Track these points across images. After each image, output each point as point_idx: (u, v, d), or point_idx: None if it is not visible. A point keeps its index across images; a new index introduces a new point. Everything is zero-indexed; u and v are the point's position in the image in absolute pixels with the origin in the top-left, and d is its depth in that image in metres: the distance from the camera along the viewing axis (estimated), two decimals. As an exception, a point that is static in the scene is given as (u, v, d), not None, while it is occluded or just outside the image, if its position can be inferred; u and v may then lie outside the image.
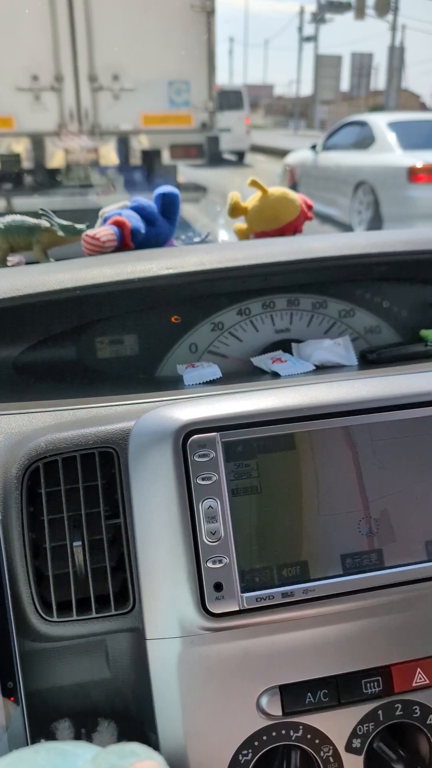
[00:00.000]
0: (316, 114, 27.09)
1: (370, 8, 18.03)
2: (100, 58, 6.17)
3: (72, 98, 6.26)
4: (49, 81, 6.14)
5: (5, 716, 0.57)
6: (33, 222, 1.15)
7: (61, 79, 6.17)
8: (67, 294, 0.88)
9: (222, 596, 0.58)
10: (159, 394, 0.80)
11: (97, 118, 6.36)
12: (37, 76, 6.11)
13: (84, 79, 6.22)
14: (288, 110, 32.69)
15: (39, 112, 6.19)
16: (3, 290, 0.86)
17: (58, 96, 6.22)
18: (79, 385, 0.95)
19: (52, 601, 0.62)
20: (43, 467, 0.64)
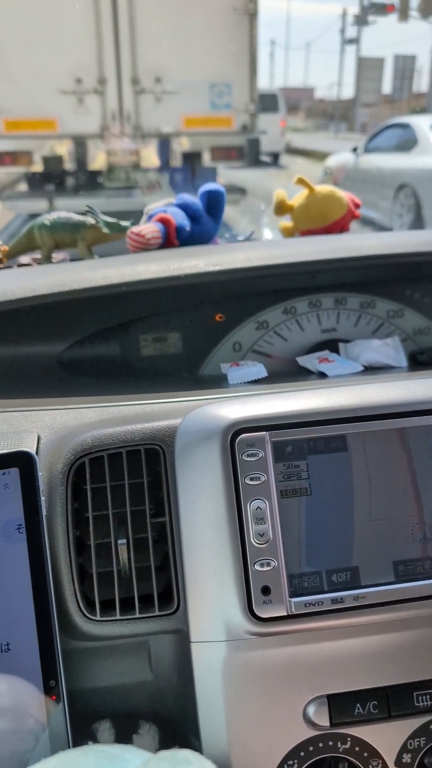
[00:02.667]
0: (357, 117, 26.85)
1: (413, 10, 17.81)
2: (142, 61, 6.21)
3: (114, 101, 6.32)
4: (92, 84, 6.21)
5: (47, 715, 0.56)
6: (78, 219, 1.15)
7: (104, 82, 6.24)
8: (113, 290, 0.87)
9: (270, 600, 0.56)
10: (204, 392, 0.79)
11: (138, 121, 6.41)
12: (81, 79, 6.18)
13: (127, 82, 6.27)
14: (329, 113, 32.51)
15: (82, 115, 6.26)
16: (50, 286, 0.86)
17: (101, 99, 6.29)
18: (123, 381, 0.94)
19: (95, 599, 0.61)
20: (88, 463, 0.63)
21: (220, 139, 6.74)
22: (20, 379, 0.88)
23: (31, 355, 0.90)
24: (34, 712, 0.56)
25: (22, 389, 0.85)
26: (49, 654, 0.57)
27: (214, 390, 0.81)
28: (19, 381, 0.88)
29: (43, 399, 0.79)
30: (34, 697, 0.57)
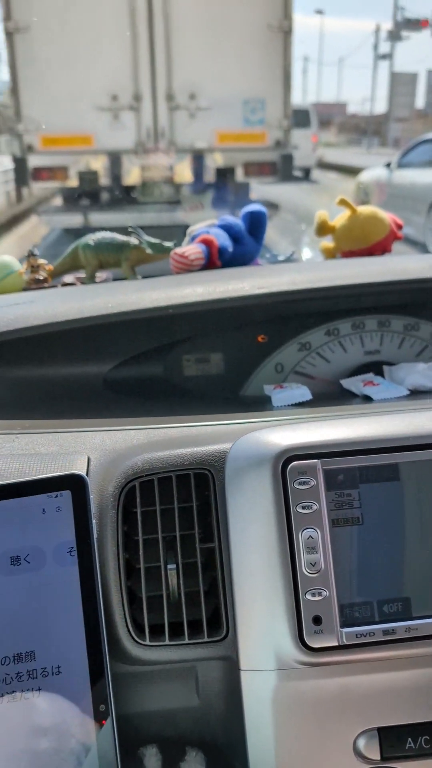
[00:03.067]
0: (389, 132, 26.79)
1: (448, 25, 17.74)
2: (177, 77, 6.29)
3: (149, 117, 6.40)
4: (128, 100, 6.31)
5: (95, 738, 0.56)
6: (122, 239, 1.16)
7: (139, 99, 6.33)
8: (160, 313, 0.88)
9: (321, 630, 0.56)
10: (249, 414, 0.79)
11: (173, 136, 6.48)
12: (117, 95, 6.28)
13: (162, 99, 6.36)
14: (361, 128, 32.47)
15: (117, 131, 6.35)
16: (97, 307, 0.87)
17: (136, 115, 6.37)
18: (166, 401, 0.95)
19: (144, 623, 0.61)
20: (139, 486, 0.63)
21: (254, 155, 6.78)
22: (67, 398, 0.90)
23: (78, 375, 0.91)
24: (77, 733, 0.57)
25: (68, 409, 0.86)
26: (99, 678, 0.57)
27: (259, 413, 0.81)
28: (66, 400, 0.89)
29: (90, 420, 0.80)
30: (82, 720, 0.57)
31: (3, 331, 0.84)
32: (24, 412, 0.84)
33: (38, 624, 0.58)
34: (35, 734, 0.56)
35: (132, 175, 6.85)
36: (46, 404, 0.87)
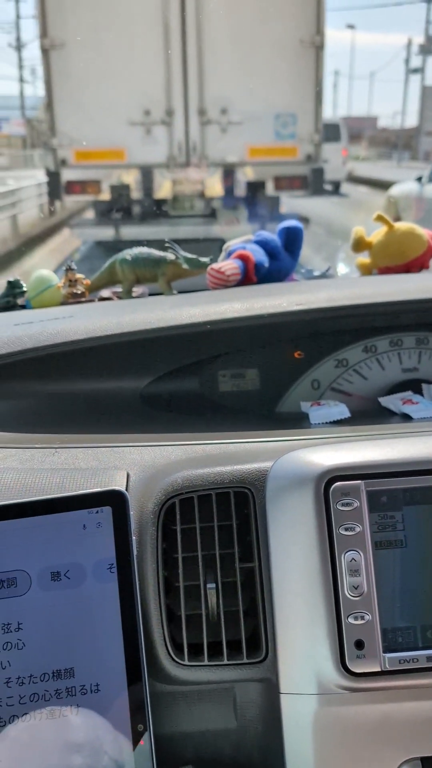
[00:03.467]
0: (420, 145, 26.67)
1: None
2: (209, 92, 6.35)
3: (181, 131, 6.47)
4: (160, 115, 6.38)
5: (134, 760, 0.56)
6: (159, 254, 1.17)
7: (171, 114, 6.40)
8: (198, 328, 0.88)
9: (363, 655, 0.55)
10: (288, 432, 0.78)
11: (204, 151, 6.53)
12: (149, 110, 6.35)
13: (194, 113, 6.42)
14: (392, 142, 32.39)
15: (149, 145, 6.42)
16: (136, 323, 0.88)
17: (168, 129, 6.44)
18: (201, 417, 0.95)
19: (183, 643, 0.60)
20: (179, 504, 0.63)
21: (284, 169, 6.81)
22: (104, 412, 0.90)
23: (115, 389, 0.91)
24: (114, 752, 0.56)
25: (106, 423, 0.87)
26: (138, 697, 0.57)
27: (297, 431, 0.81)
28: (103, 415, 0.89)
29: (128, 435, 0.80)
30: (119, 739, 0.57)
31: (44, 345, 0.85)
32: (62, 425, 0.85)
33: (77, 641, 0.58)
34: (72, 752, 0.56)
35: (163, 188, 6.91)
36: (83, 418, 0.88)
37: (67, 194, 6.58)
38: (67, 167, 6.38)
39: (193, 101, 6.37)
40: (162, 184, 6.85)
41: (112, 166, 6.61)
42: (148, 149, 6.39)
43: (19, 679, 0.57)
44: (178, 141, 6.47)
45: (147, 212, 6.71)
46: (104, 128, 6.24)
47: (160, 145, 6.44)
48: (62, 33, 6.05)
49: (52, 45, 6.09)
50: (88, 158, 6.34)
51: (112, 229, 6.45)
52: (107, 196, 6.78)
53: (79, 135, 6.25)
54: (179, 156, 6.50)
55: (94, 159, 6.38)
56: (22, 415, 0.84)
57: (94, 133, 6.25)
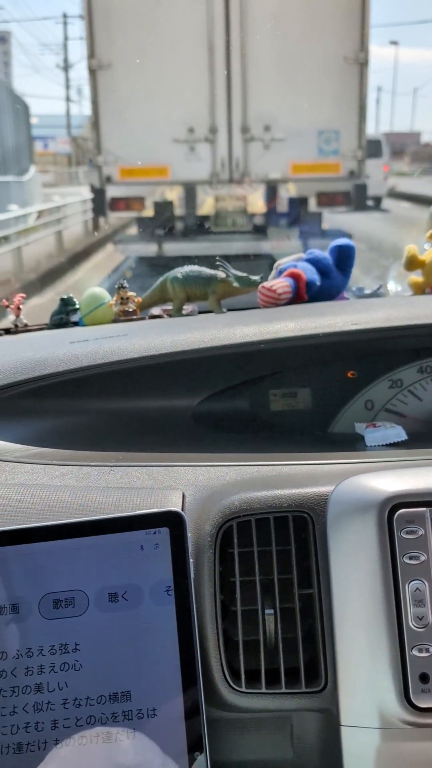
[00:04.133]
0: (464, 160, 26.37)
1: None
2: (253, 110, 6.40)
3: (224, 148, 6.52)
4: (204, 133, 6.45)
5: (189, 787, 0.55)
6: (210, 273, 1.17)
7: (215, 131, 6.46)
8: (251, 348, 0.88)
9: (428, 689, 0.53)
10: (345, 455, 0.77)
11: (247, 168, 6.57)
12: (193, 128, 6.43)
13: (237, 131, 6.47)
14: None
15: (193, 162, 6.49)
16: (191, 342, 0.88)
17: (211, 146, 6.50)
18: (253, 436, 0.94)
19: (240, 669, 0.59)
20: (236, 527, 0.62)
21: (327, 185, 6.80)
22: (156, 430, 0.90)
23: (168, 407, 0.91)
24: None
25: (158, 441, 0.87)
26: (195, 723, 0.56)
27: (353, 453, 0.80)
28: (155, 433, 0.89)
29: (182, 454, 0.80)
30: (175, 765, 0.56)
31: (100, 363, 0.85)
32: (115, 443, 0.85)
33: (134, 664, 0.58)
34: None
35: (206, 205, 6.97)
36: (136, 436, 0.88)
37: (111, 211, 6.68)
38: (112, 184, 6.48)
39: (237, 118, 6.42)
40: (205, 200, 6.90)
41: (156, 183, 6.70)
42: (191, 166, 6.46)
43: (76, 700, 0.57)
44: (222, 158, 6.53)
45: (190, 228, 6.77)
46: (149, 146, 6.34)
47: (203, 162, 6.51)
48: (109, 53, 6.17)
49: (99, 65, 6.22)
50: (132, 175, 6.44)
51: (155, 245, 6.51)
52: (151, 212, 6.86)
53: (124, 153, 6.36)
54: (222, 173, 6.55)
55: (139, 176, 6.47)
56: (77, 432, 0.85)
57: (139, 151, 6.35)
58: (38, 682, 0.57)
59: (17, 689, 0.57)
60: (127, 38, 6.13)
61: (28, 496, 0.69)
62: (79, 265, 8.29)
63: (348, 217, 8.06)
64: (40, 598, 0.59)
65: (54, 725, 0.57)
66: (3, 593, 0.59)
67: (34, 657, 0.58)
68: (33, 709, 0.57)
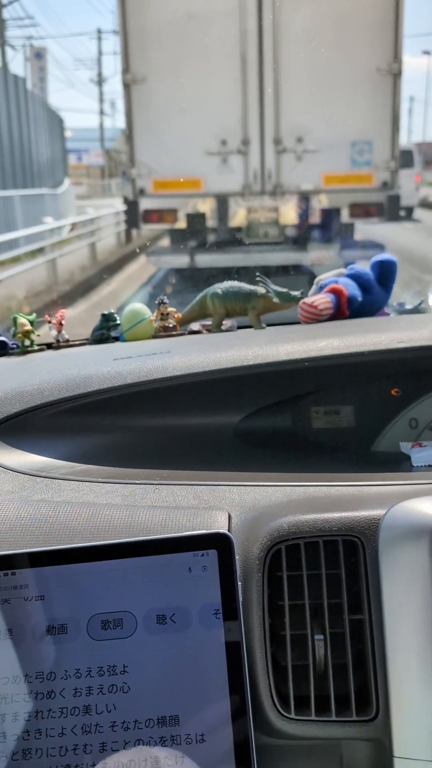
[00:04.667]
0: None
1: None
2: (285, 122, 6.41)
3: (257, 160, 6.54)
4: (236, 145, 6.48)
5: None
6: (249, 288, 1.17)
7: (247, 143, 6.48)
8: (296, 365, 0.87)
9: None
10: (392, 476, 0.76)
11: (279, 179, 6.58)
12: (226, 140, 6.47)
13: (269, 143, 6.49)
14: (468, 166, 31.80)
15: (225, 174, 6.52)
16: (234, 359, 0.87)
17: (243, 158, 6.53)
18: (295, 454, 0.93)
19: (289, 695, 0.58)
20: (285, 550, 0.62)
21: (360, 196, 6.77)
22: (198, 447, 0.90)
23: (209, 425, 0.91)
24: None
25: (200, 458, 0.86)
26: (244, 750, 0.55)
27: (400, 474, 0.78)
28: (198, 450, 0.89)
29: (226, 473, 0.79)
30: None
31: (144, 380, 0.86)
32: (159, 460, 0.85)
33: (182, 687, 0.57)
34: (174, 803, 0.55)
35: (238, 216, 6.99)
36: (179, 453, 0.88)
37: (144, 223, 6.73)
38: (145, 196, 6.54)
39: (269, 130, 6.44)
40: (237, 212, 6.92)
41: (189, 195, 6.74)
42: (224, 178, 6.49)
43: (124, 723, 0.57)
44: (254, 170, 6.55)
45: (222, 240, 6.79)
46: (182, 158, 6.39)
47: (235, 174, 6.53)
48: (143, 68, 6.25)
49: (133, 80, 6.30)
50: (165, 188, 6.49)
51: (187, 257, 6.54)
52: (183, 224, 6.90)
53: (157, 165, 6.42)
54: (254, 184, 6.57)
55: (172, 188, 6.52)
56: (121, 449, 0.85)
57: (172, 163, 6.40)
58: (86, 703, 0.57)
59: (65, 710, 0.57)
60: (161, 53, 6.20)
61: (74, 515, 0.69)
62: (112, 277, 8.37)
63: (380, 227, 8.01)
64: (88, 619, 0.59)
65: (102, 748, 0.56)
66: (52, 613, 0.59)
67: (82, 678, 0.58)
68: (81, 731, 0.56)
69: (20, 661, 0.58)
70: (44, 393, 0.84)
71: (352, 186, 6.63)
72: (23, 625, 0.59)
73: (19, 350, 1.15)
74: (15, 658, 0.59)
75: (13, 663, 0.58)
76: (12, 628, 0.59)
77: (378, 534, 0.60)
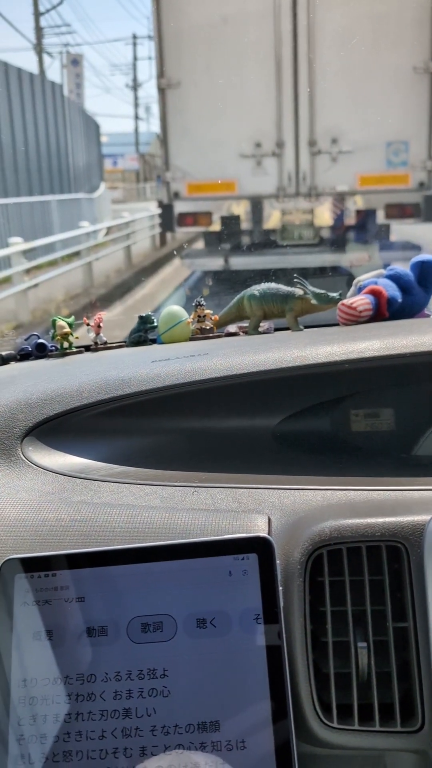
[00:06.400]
0: None
1: None
2: (320, 123, 6.39)
3: (291, 162, 6.52)
4: (270, 147, 6.47)
5: None
6: (287, 290, 1.16)
7: (282, 145, 6.47)
8: (336, 368, 0.86)
9: None
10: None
11: (314, 181, 6.55)
12: (260, 143, 6.46)
13: (304, 144, 6.47)
14: None
15: (260, 177, 6.52)
16: (274, 361, 0.86)
17: (278, 161, 6.52)
18: (334, 457, 0.92)
19: (332, 703, 0.57)
20: (327, 555, 0.61)
21: (396, 197, 6.71)
22: (236, 450, 0.89)
23: (248, 427, 0.90)
24: None
25: (238, 460, 0.86)
26: (286, 758, 0.54)
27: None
28: (235, 452, 0.88)
29: (264, 476, 0.78)
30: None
31: (182, 382, 0.85)
32: (197, 462, 0.84)
33: (223, 693, 0.57)
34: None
35: (272, 218, 6.97)
36: (217, 455, 0.87)
37: (179, 226, 6.76)
38: (179, 200, 6.57)
39: (304, 132, 6.42)
40: (271, 214, 6.91)
41: (223, 198, 6.75)
42: (258, 180, 6.49)
43: (164, 728, 0.56)
44: (288, 172, 6.53)
45: (256, 242, 6.78)
46: (216, 161, 6.41)
47: (270, 177, 6.53)
48: (178, 73, 6.29)
49: (168, 84, 6.34)
50: (200, 191, 6.51)
51: (221, 259, 6.55)
52: (217, 227, 6.91)
53: (192, 168, 6.44)
54: (289, 186, 6.55)
55: (206, 191, 6.54)
56: (159, 451, 0.85)
57: (206, 167, 6.42)
58: (126, 706, 0.57)
59: (106, 713, 0.57)
60: (196, 57, 6.23)
61: (113, 516, 0.69)
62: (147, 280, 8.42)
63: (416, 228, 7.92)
64: (128, 622, 0.59)
65: (142, 752, 0.56)
66: (92, 615, 0.59)
67: (122, 681, 0.57)
68: (121, 734, 0.56)
69: (60, 662, 0.59)
70: (84, 395, 0.84)
71: (388, 187, 6.57)
72: (63, 626, 0.59)
73: (57, 352, 1.16)
74: (55, 660, 0.59)
75: (53, 664, 0.59)
76: (52, 630, 0.59)
77: (423, 540, 0.58)
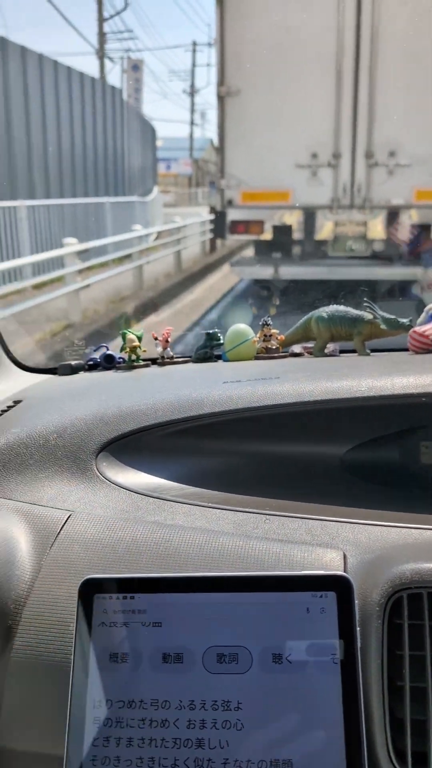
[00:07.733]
0: None
1: None
2: (378, 135, 6.34)
3: (347, 174, 6.48)
4: (327, 158, 6.44)
5: None
6: (356, 313, 1.15)
7: (338, 156, 6.44)
8: (411, 400, 0.85)
9: None
10: None
11: (369, 193, 6.50)
12: (317, 153, 6.44)
13: (360, 156, 6.42)
14: None
15: (314, 187, 6.50)
16: (345, 390, 0.86)
17: (333, 172, 6.49)
18: (404, 490, 0.91)
19: (407, 751, 0.56)
20: (407, 598, 0.60)
21: (452, 212, 6.61)
22: (304, 477, 0.89)
23: (316, 454, 0.90)
24: None
25: (306, 487, 0.85)
26: (361, 809, 0.53)
27: None
28: (303, 479, 0.88)
29: (336, 507, 0.78)
30: None
31: (255, 406, 0.85)
32: (265, 486, 0.84)
33: (296, 732, 0.56)
34: None
35: (324, 230, 6.93)
36: (285, 481, 0.87)
37: (231, 233, 6.78)
38: (233, 207, 6.59)
39: (361, 144, 6.38)
40: (324, 225, 6.87)
41: (277, 207, 6.75)
42: (312, 191, 6.47)
43: (237, 762, 0.56)
44: (344, 183, 6.50)
45: (307, 253, 6.75)
46: (271, 171, 6.41)
47: (324, 188, 6.50)
48: (238, 81, 6.31)
49: (228, 92, 6.37)
50: (254, 199, 6.52)
51: (271, 268, 6.54)
52: (269, 236, 6.91)
53: (247, 177, 6.45)
54: (343, 198, 6.52)
55: (260, 200, 6.54)
56: (229, 474, 0.85)
57: (262, 176, 6.43)
58: (200, 736, 0.57)
59: (179, 741, 0.57)
60: (257, 66, 6.24)
61: (188, 540, 0.69)
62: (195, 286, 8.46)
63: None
64: (204, 650, 0.59)
65: (214, 784, 0.56)
66: (168, 641, 0.59)
67: (196, 710, 0.57)
68: (194, 764, 0.56)
69: (135, 686, 0.59)
70: (158, 413, 0.85)
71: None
72: (140, 650, 0.60)
73: (125, 364, 1.17)
74: (130, 683, 0.59)
75: (128, 687, 0.59)
76: (128, 653, 0.60)
77: None
